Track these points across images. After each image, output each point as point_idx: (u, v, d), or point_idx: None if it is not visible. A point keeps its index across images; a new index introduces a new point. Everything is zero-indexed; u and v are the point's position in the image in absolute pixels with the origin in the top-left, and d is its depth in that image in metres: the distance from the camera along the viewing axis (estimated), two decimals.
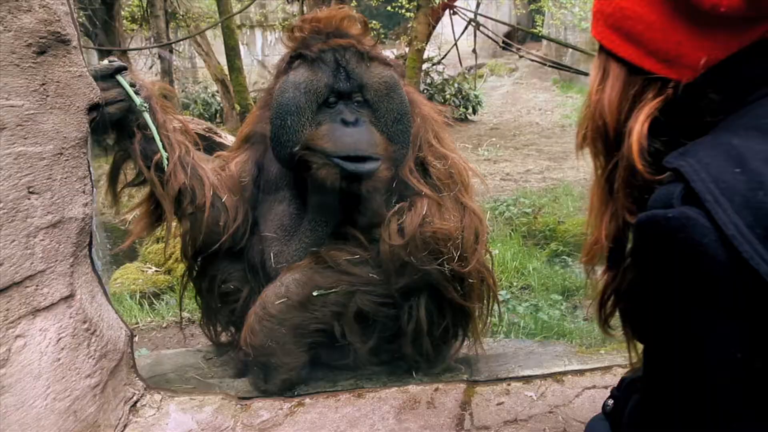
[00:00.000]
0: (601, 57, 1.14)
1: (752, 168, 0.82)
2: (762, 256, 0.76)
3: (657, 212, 0.85)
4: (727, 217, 0.79)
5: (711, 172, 0.84)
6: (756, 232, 0.77)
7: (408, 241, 2.04)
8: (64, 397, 1.71)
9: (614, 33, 1.08)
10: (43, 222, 1.64)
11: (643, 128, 1.03)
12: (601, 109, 1.11)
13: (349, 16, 2.21)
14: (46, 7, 1.58)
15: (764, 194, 0.79)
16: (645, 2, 1.02)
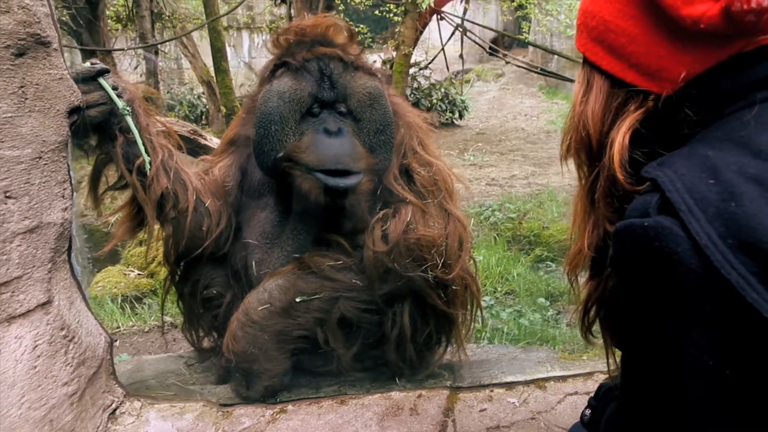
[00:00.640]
0: (585, 69, 1.16)
1: (725, 179, 0.84)
2: (733, 266, 0.79)
3: (634, 221, 0.88)
4: (701, 227, 0.81)
5: (686, 183, 0.86)
6: (727, 242, 0.80)
7: (392, 247, 2.03)
8: (39, 405, 1.68)
9: (598, 46, 1.10)
10: (20, 227, 1.61)
11: (624, 139, 1.05)
12: (584, 121, 1.13)
13: (334, 24, 2.20)
14: (26, 8, 1.56)
15: (736, 205, 0.81)
16: (628, 17, 1.04)
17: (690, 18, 0.94)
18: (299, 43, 2.17)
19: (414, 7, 10.19)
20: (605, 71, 1.10)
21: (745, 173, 0.84)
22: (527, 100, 16.93)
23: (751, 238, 0.79)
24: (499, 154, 10.98)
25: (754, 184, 0.82)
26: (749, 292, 0.78)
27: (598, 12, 1.09)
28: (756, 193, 0.81)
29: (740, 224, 0.80)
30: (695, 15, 0.93)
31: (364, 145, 2.12)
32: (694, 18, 0.93)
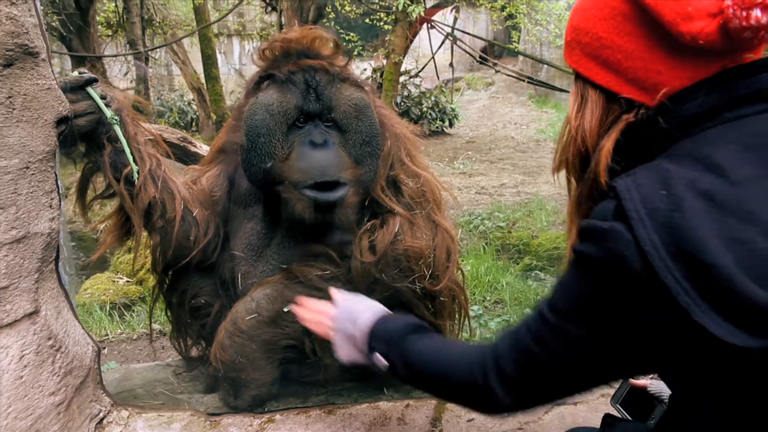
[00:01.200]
0: (579, 84, 1.18)
1: (675, 192, 0.91)
2: (670, 271, 0.87)
3: (595, 222, 0.97)
4: (647, 234, 0.89)
5: (641, 193, 0.93)
6: (669, 250, 0.87)
7: (379, 258, 2.04)
8: (26, 416, 1.67)
9: (592, 62, 1.12)
10: (7, 237, 1.61)
11: (611, 145, 1.08)
12: (582, 135, 1.15)
13: (320, 36, 2.21)
14: (14, 19, 1.56)
15: (680, 216, 0.88)
16: (624, 33, 1.06)
17: (689, 34, 0.97)
18: (285, 55, 2.18)
19: (404, 15, 10.25)
20: (600, 86, 1.12)
21: (697, 188, 0.90)
22: (517, 108, 17.04)
23: (689, 247, 0.86)
24: (489, 162, 11.04)
25: (702, 198, 0.89)
26: (683, 296, 0.86)
27: (591, 29, 1.11)
28: (701, 207, 0.88)
29: (681, 234, 0.87)
30: (694, 31, 0.96)
31: (350, 156, 2.13)
32: (693, 34, 0.96)
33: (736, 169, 0.92)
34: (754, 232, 0.85)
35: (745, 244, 0.85)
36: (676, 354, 0.97)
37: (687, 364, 0.98)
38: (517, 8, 13.10)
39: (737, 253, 0.84)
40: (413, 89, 14.03)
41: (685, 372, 1.01)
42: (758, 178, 0.91)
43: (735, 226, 0.86)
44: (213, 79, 12.37)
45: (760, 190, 0.89)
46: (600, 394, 2.25)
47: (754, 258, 0.84)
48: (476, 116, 16.14)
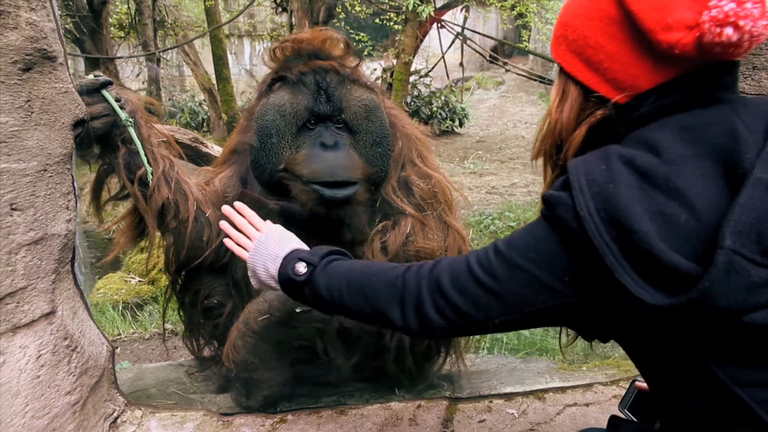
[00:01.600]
0: (561, 78, 1.25)
1: (612, 166, 1.04)
2: (600, 234, 0.99)
3: (548, 191, 1.12)
4: (584, 201, 1.02)
5: (585, 167, 1.06)
6: (600, 215, 1.00)
7: (391, 259, 2.05)
8: (42, 415, 1.70)
9: (576, 58, 1.20)
10: (26, 239, 1.63)
11: (581, 137, 1.19)
12: (560, 129, 1.24)
13: (331, 37, 2.21)
14: (33, 24, 1.58)
15: (613, 187, 1.01)
16: (607, 35, 1.13)
17: (666, 43, 1.04)
18: (296, 56, 2.19)
19: (414, 15, 10.24)
20: (580, 82, 1.19)
21: (633, 164, 1.02)
22: (527, 108, 16.97)
23: (616, 213, 0.98)
24: (499, 162, 11.01)
25: (635, 174, 1.01)
26: (608, 256, 0.99)
27: (578, 26, 1.17)
28: (635, 182, 1.00)
29: (611, 202, 0.99)
30: (671, 41, 1.04)
31: (361, 157, 2.13)
32: (671, 43, 1.04)
33: (671, 149, 1.02)
34: (678, 207, 0.97)
35: (668, 217, 0.97)
36: (610, 311, 1.11)
37: (619, 325, 1.15)
38: (527, 7, 13.04)
39: (660, 224, 0.96)
40: (423, 89, 14.02)
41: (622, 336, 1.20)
42: (688, 157, 1.01)
43: (661, 201, 0.98)
44: (224, 79, 12.43)
45: (688, 169, 0.99)
46: (612, 396, 2.25)
47: (674, 229, 0.96)
48: (486, 116, 16.10)
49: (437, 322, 1.24)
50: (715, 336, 0.98)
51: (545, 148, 1.30)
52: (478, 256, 1.22)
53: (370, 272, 1.36)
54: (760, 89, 2.01)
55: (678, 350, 1.05)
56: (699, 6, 1.03)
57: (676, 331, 1.02)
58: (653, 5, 1.05)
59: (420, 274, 1.27)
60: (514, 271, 1.15)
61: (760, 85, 2.00)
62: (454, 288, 1.21)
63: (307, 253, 1.49)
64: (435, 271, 1.25)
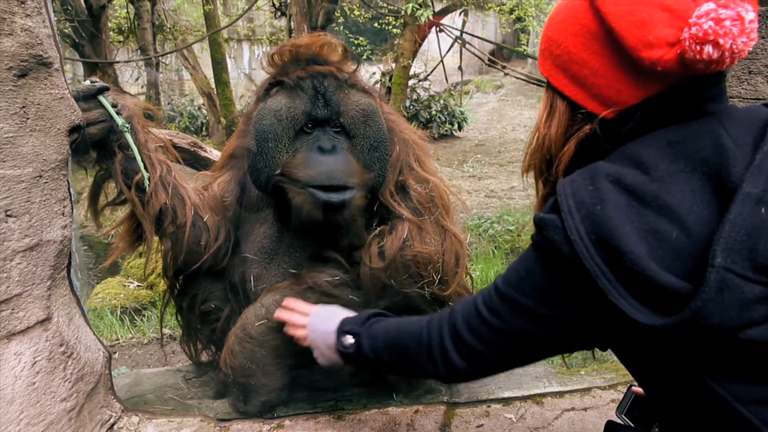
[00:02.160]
0: (549, 93, 1.26)
1: (600, 186, 1.03)
2: (592, 257, 0.99)
3: (539, 214, 1.11)
4: (573, 224, 1.02)
5: (573, 188, 1.06)
6: (591, 238, 1.00)
7: (388, 264, 2.05)
8: (38, 422, 1.69)
9: (562, 73, 1.20)
10: (21, 245, 1.63)
11: (570, 152, 1.20)
12: (548, 144, 1.25)
13: (329, 42, 2.22)
14: (28, 30, 1.58)
15: (601, 208, 1.00)
16: (591, 51, 1.13)
17: (648, 60, 1.04)
18: (294, 61, 2.19)
19: (413, 19, 10.27)
20: (567, 97, 1.19)
21: (621, 183, 1.02)
22: (526, 111, 16.99)
23: (606, 236, 0.98)
24: (498, 165, 11.02)
25: (623, 192, 1.01)
26: (601, 279, 0.99)
27: (563, 42, 1.17)
28: (623, 200, 1.00)
29: (600, 224, 0.99)
30: (653, 58, 1.04)
31: (358, 161, 2.13)
32: (653, 60, 1.04)
33: (658, 166, 1.02)
34: (668, 224, 0.96)
35: (659, 234, 0.96)
36: (605, 332, 1.12)
37: (615, 342, 1.15)
38: (525, 11, 13.08)
39: (650, 242, 0.96)
40: (422, 93, 14.03)
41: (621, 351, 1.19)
42: (676, 172, 1.01)
43: (651, 219, 0.98)
44: (223, 83, 12.46)
45: (677, 185, 0.99)
46: (610, 400, 2.24)
47: (665, 247, 0.95)
48: (485, 119, 16.12)
49: (461, 366, 1.30)
50: (711, 353, 0.98)
51: (535, 162, 1.31)
52: (483, 296, 1.25)
53: (401, 330, 1.44)
54: (756, 93, 2.01)
55: (671, 366, 1.05)
56: (679, 22, 1.02)
57: (670, 348, 1.02)
58: (634, 22, 1.05)
59: (441, 324, 1.33)
60: (514, 308, 1.17)
61: (756, 89, 2.01)
62: (468, 331, 1.25)
63: (351, 323, 1.61)
64: (452, 318, 1.30)
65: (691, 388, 1.03)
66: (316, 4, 9.44)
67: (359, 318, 1.62)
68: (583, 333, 1.15)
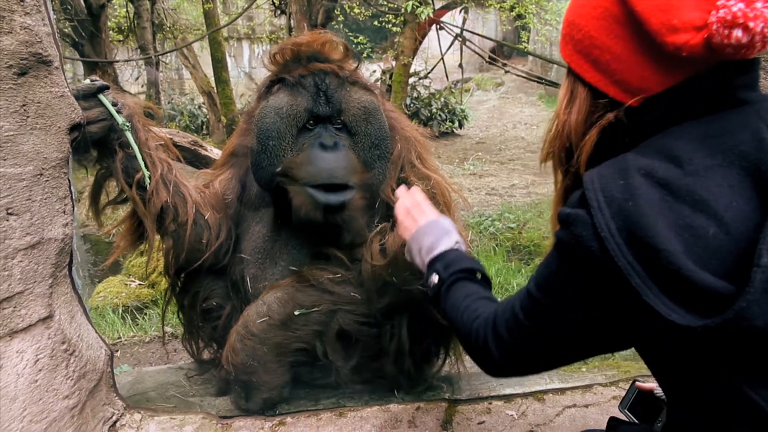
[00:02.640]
0: (570, 79, 1.20)
1: (631, 181, 0.98)
2: (623, 254, 0.94)
3: (564, 209, 1.06)
4: (604, 220, 0.97)
5: (601, 182, 1.01)
6: (622, 235, 0.95)
7: (390, 261, 2.05)
8: (41, 419, 1.70)
9: (583, 59, 1.14)
10: (22, 243, 1.63)
11: (593, 139, 1.14)
12: (568, 131, 1.19)
13: (330, 40, 2.22)
14: (28, 28, 1.58)
15: (633, 204, 0.95)
16: (613, 35, 1.08)
17: (673, 45, 0.99)
18: (295, 60, 2.20)
19: (413, 17, 10.25)
20: (588, 83, 1.15)
21: (653, 176, 0.97)
22: (527, 109, 16.99)
23: (640, 233, 0.93)
24: (499, 163, 11.01)
25: (656, 187, 0.96)
26: (633, 278, 0.94)
27: (584, 26, 1.12)
28: (656, 195, 0.95)
29: (633, 221, 0.94)
30: (678, 43, 0.98)
31: (360, 159, 2.14)
32: (677, 45, 0.98)
33: (693, 159, 0.97)
34: (705, 220, 0.91)
35: (695, 230, 0.91)
36: (637, 332, 1.07)
37: (647, 342, 1.10)
38: (526, 8, 13.05)
39: (686, 239, 0.91)
40: (423, 91, 14.03)
41: (650, 352, 1.14)
42: (712, 167, 0.95)
43: (686, 214, 0.92)
44: (223, 82, 12.45)
45: (713, 179, 0.94)
46: (611, 397, 2.25)
47: (702, 244, 0.90)
48: (486, 117, 16.11)
49: (502, 365, 1.30)
50: (749, 356, 0.93)
51: (554, 150, 1.25)
52: (520, 300, 1.22)
53: (463, 309, 1.43)
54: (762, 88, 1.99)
55: (702, 368, 1.01)
56: (706, 5, 0.97)
57: (703, 350, 0.97)
58: (658, 5, 1.00)
59: (486, 324, 1.31)
60: (546, 311, 1.15)
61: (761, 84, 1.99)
62: (507, 333, 1.24)
63: (443, 265, 1.57)
64: (495, 320, 1.29)
65: (722, 391, 0.99)
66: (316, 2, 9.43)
67: (452, 264, 1.56)
68: (613, 333, 1.11)
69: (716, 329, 0.88)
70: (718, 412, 1.03)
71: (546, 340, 1.18)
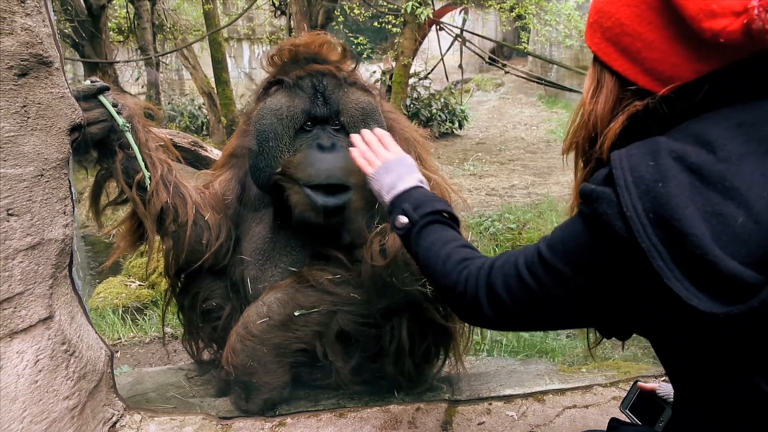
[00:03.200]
0: (596, 68, 1.18)
1: (662, 163, 0.96)
2: (648, 236, 0.93)
3: (588, 185, 1.05)
4: (630, 200, 0.95)
5: (630, 162, 0.99)
6: (649, 216, 0.93)
7: (390, 261, 2.05)
8: (41, 420, 1.70)
9: (612, 47, 1.11)
10: (22, 244, 1.63)
11: (618, 126, 1.11)
12: (594, 121, 1.17)
13: (327, 41, 2.22)
14: (29, 29, 1.58)
15: (662, 185, 0.93)
16: (646, 22, 1.05)
17: (710, 31, 0.96)
18: (293, 61, 2.20)
19: (413, 18, 10.26)
20: (616, 72, 1.12)
21: (684, 161, 0.95)
22: (527, 109, 16.99)
23: (667, 215, 0.92)
24: (499, 163, 11.02)
25: (688, 172, 0.94)
26: (657, 260, 0.92)
27: (614, 13, 1.09)
28: (686, 179, 0.93)
29: (661, 203, 0.92)
30: (716, 29, 0.95)
31: None
32: (715, 31, 0.95)
33: (726, 146, 0.95)
34: (735, 208, 0.89)
35: (724, 218, 0.89)
36: (650, 317, 1.06)
37: (658, 330, 1.09)
38: (526, 9, 13.07)
39: (715, 226, 0.89)
40: (423, 91, 14.03)
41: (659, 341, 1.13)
42: (746, 155, 0.93)
43: (716, 201, 0.91)
44: (223, 83, 12.46)
45: (747, 167, 0.92)
46: (611, 397, 2.25)
47: (730, 232, 0.89)
48: (486, 117, 16.12)
49: (489, 316, 1.27)
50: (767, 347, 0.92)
51: (578, 140, 1.23)
52: (525, 257, 1.20)
53: (443, 258, 1.39)
54: None
55: (716, 358, 1.00)
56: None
57: (715, 343, 0.96)
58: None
59: (478, 277, 1.29)
60: (555, 275, 1.13)
61: None
62: (505, 290, 1.22)
63: (411, 205, 1.53)
64: (491, 275, 1.26)
65: (732, 386, 0.98)
66: (316, 3, 9.44)
67: (422, 206, 1.53)
68: (622, 311, 1.11)
69: (740, 317, 0.87)
70: (726, 410, 1.02)
71: (547, 302, 1.17)
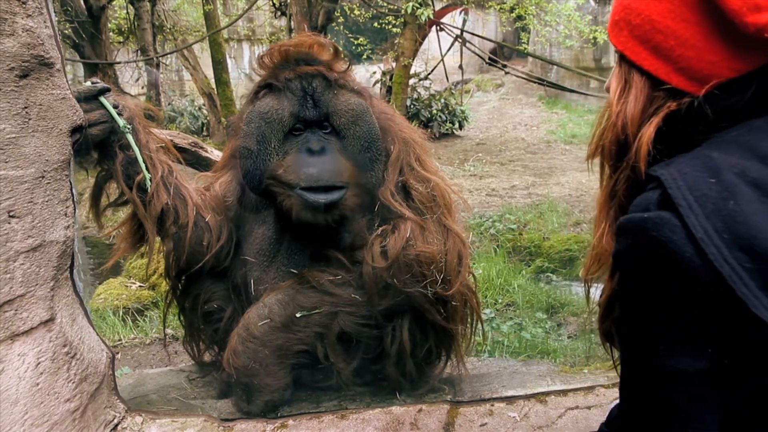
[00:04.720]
0: (623, 68, 1.12)
1: (725, 179, 0.87)
2: (726, 260, 0.82)
3: (635, 215, 0.92)
4: (698, 221, 0.85)
5: (687, 181, 0.89)
6: (723, 238, 0.83)
7: (391, 263, 2.04)
8: (42, 422, 1.69)
9: (640, 45, 1.06)
10: (24, 246, 1.63)
11: (652, 132, 1.04)
12: (623, 122, 1.10)
13: (318, 42, 2.20)
14: (30, 31, 1.58)
15: (734, 203, 0.84)
16: (680, 19, 1.00)
17: (754, 26, 0.91)
18: (284, 63, 2.18)
19: (413, 18, 10.26)
20: (647, 72, 1.06)
21: (746, 176, 0.87)
22: (527, 110, 16.99)
23: (747, 235, 0.82)
24: (499, 164, 11.02)
25: (752, 186, 0.86)
26: (739, 286, 0.81)
27: (643, 10, 1.04)
28: (753, 195, 0.85)
29: (738, 221, 0.83)
30: (761, 23, 0.90)
31: (351, 162, 2.12)
32: (760, 26, 0.90)
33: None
34: None
35: None
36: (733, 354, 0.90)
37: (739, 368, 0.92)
38: (526, 9, 13.07)
39: None
40: (423, 92, 14.04)
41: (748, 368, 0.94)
42: None
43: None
44: (223, 83, 12.46)
45: None
46: (614, 398, 2.24)
47: None
48: (486, 118, 16.12)
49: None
50: None
51: (605, 144, 1.15)
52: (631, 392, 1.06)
53: None
54: None
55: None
56: None
57: None
58: None
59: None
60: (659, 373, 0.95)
61: None
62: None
63: None
64: None
65: None
66: (316, 3, 9.44)
67: None
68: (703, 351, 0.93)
69: None
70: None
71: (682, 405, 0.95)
